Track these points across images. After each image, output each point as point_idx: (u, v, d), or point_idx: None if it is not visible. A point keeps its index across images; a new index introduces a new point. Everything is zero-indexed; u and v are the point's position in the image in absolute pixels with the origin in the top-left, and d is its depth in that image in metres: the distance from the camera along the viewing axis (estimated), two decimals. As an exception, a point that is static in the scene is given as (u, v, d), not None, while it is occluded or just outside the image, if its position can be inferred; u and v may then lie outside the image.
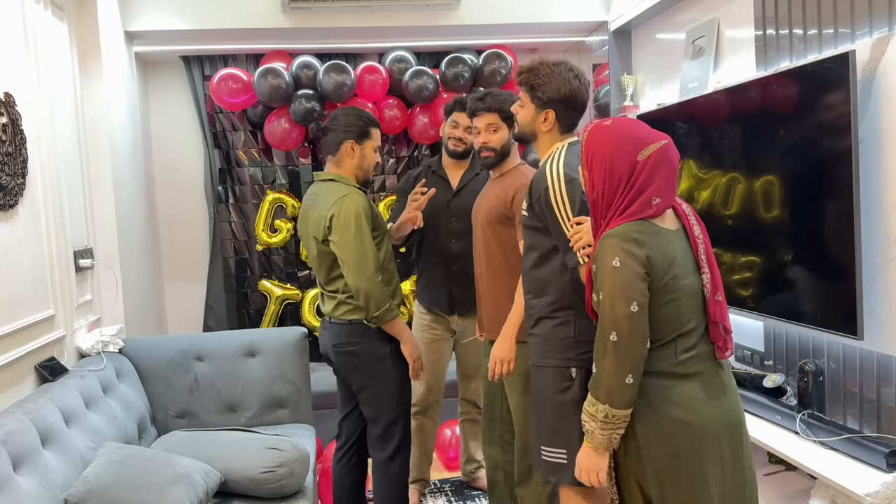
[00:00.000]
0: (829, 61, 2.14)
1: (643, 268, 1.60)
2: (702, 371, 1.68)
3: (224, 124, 4.21)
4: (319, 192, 2.52)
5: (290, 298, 4.24)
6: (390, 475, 2.60)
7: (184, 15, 3.64)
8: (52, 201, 2.61)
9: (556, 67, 2.04)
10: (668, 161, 1.68)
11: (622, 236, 1.63)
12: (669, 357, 1.66)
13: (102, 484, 2.02)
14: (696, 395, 1.66)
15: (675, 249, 1.67)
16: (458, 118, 2.91)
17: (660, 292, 1.63)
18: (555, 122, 2.04)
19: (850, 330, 2.12)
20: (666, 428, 1.65)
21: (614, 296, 1.61)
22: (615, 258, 1.61)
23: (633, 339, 1.60)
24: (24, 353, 2.32)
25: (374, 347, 2.50)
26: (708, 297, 1.69)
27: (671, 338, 1.66)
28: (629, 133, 1.70)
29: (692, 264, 1.69)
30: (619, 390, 1.61)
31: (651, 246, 1.62)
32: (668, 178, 1.68)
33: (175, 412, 2.95)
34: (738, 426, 1.73)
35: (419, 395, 3.10)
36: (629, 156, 1.66)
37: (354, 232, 2.38)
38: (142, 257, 3.75)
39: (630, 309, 1.59)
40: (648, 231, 1.64)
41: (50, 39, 2.74)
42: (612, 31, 3.84)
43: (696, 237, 1.72)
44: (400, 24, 3.81)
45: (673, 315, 1.65)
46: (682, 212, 1.74)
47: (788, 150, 2.35)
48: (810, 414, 2.26)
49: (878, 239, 2.09)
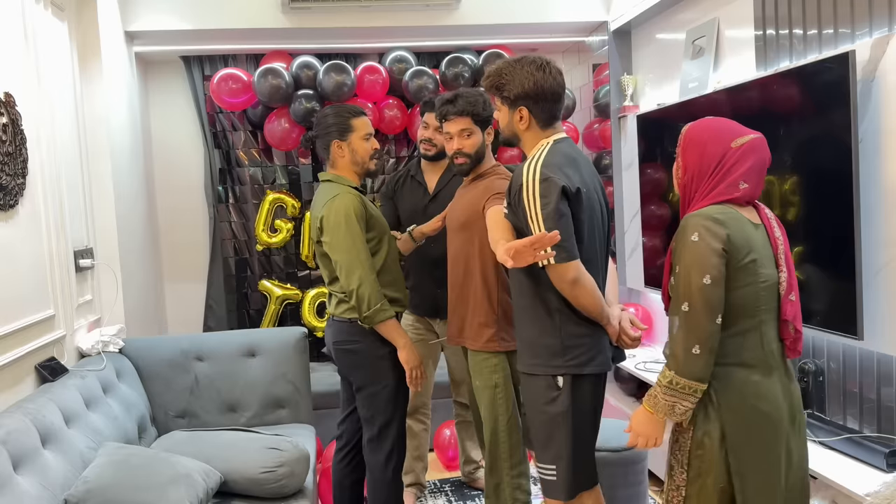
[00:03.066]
0: (829, 61, 2.14)
1: (721, 244, 1.65)
2: (778, 365, 1.73)
3: (224, 124, 4.21)
4: (318, 194, 2.52)
5: (290, 298, 4.24)
6: (384, 480, 2.54)
7: (184, 15, 3.64)
8: (52, 201, 2.61)
9: (518, 64, 1.98)
10: (759, 152, 1.74)
11: (704, 215, 1.69)
12: (757, 347, 1.70)
13: (102, 484, 2.02)
14: (776, 388, 1.71)
15: (756, 237, 1.72)
16: (428, 119, 2.88)
17: (739, 273, 1.67)
18: (530, 118, 1.98)
19: (850, 330, 2.12)
20: (753, 420, 1.69)
21: (690, 268, 1.66)
22: (695, 233, 1.67)
23: (704, 310, 1.64)
24: (24, 353, 2.32)
25: (373, 347, 2.47)
26: (783, 294, 1.73)
27: (754, 323, 1.70)
28: (727, 124, 1.78)
29: (772, 259, 1.74)
30: (686, 359, 1.65)
31: (732, 226, 1.67)
32: (756, 168, 1.73)
33: (175, 412, 2.95)
34: (801, 425, 1.78)
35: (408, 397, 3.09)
36: (724, 142, 1.73)
37: (344, 233, 2.35)
38: (142, 257, 3.75)
39: (703, 281, 1.64)
40: (731, 214, 1.69)
41: (50, 39, 2.74)
42: (612, 31, 3.84)
43: (777, 237, 1.77)
44: (400, 24, 3.81)
45: (752, 300, 1.69)
46: (763, 213, 1.80)
47: (788, 150, 2.35)
48: (810, 414, 2.26)
49: (878, 239, 2.09)
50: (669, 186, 3.08)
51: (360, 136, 2.50)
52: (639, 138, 3.38)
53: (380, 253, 2.48)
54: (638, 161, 3.40)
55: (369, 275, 2.36)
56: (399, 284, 2.56)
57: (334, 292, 2.52)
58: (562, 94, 2.01)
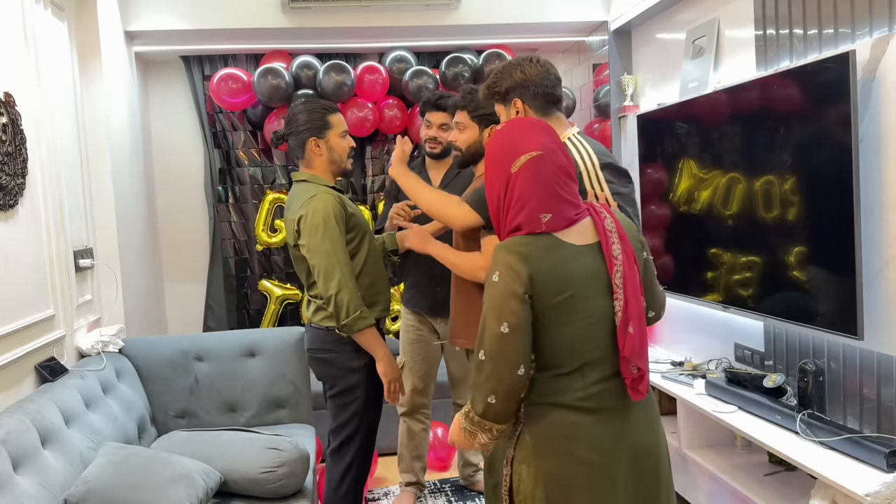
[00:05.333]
0: (829, 61, 2.14)
1: (522, 287, 1.45)
2: (612, 407, 1.53)
3: (224, 124, 4.21)
4: (293, 195, 2.39)
5: (290, 298, 4.24)
6: (337, 494, 2.43)
7: (183, 15, 3.64)
8: (52, 201, 2.61)
9: (507, 63, 2.01)
10: (542, 173, 1.51)
11: (509, 248, 1.50)
12: (576, 388, 1.51)
13: (102, 484, 2.02)
14: (603, 434, 1.51)
15: (576, 267, 1.50)
16: (431, 118, 2.88)
17: (551, 314, 1.48)
18: (525, 108, 1.97)
19: (850, 330, 2.12)
20: (569, 467, 1.51)
21: (487, 312, 1.49)
22: (496, 272, 1.49)
23: (500, 362, 1.46)
24: (24, 353, 2.32)
25: (347, 359, 2.36)
26: (619, 325, 1.50)
27: (576, 366, 1.51)
28: (506, 142, 1.57)
29: (605, 286, 1.52)
30: (483, 403, 1.49)
31: (539, 262, 1.47)
32: (547, 191, 1.51)
33: (175, 412, 2.95)
34: (647, 463, 1.57)
35: (405, 397, 3.07)
36: (504, 167, 1.54)
37: (322, 235, 2.24)
38: (142, 257, 3.75)
39: (500, 329, 1.45)
40: (542, 245, 1.50)
41: (50, 39, 2.74)
42: (612, 31, 3.84)
43: (614, 257, 1.53)
44: (400, 24, 3.81)
45: (573, 340, 1.50)
46: (600, 226, 1.55)
47: (788, 150, 2.35)
48: (810, 414, 2.26)
49: (878, 239, 2.09)
50: (670, 186, 3.08)
51: (337, 133, 2.40)
52: (639, 138, 3.37)
53: (360, 254, 2.38)
54: (638, 161, 3.39)
55: (349, 280, 2.26)
56: (381, 286, 2.46)
57: (312, 297, 2.44)
58: (554, 81, 2.00)
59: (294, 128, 2.39)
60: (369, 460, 2.53)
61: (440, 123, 2.87)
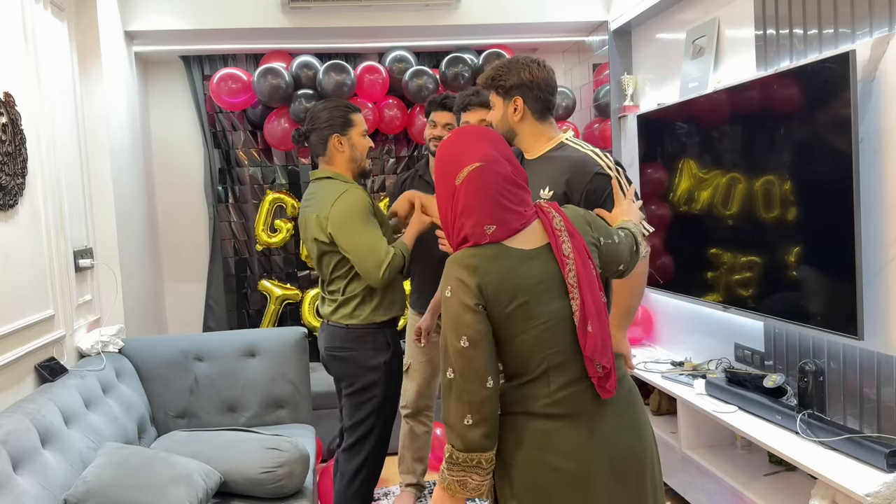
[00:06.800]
0: (829, 61, 2.14)
1: (474, 299, 1.45)
2: (584, 411, 1.50)
3: (224, 124, 4.21)
4: (317, 192, 2.41)
5: (290, 298, 4.24)
6: (350, 490, 2.45)
7: (183, 15, 3.64)
8: (51, 201, 2.61)
9: (513, 59, 2.03)
10: (484, 185, 1.50)
11: (458, 261, 1.50)
12: (542, 395, 1.49)
13: (102, 484, 2.02)
14: (576, 439, 1.49)
15: (527, 273, 1.49)
16: (437, 118, 2.89)
17: (508, 322, 1.48)
18: (525, 108, 1.99)
19: (850, 330, 2.12)
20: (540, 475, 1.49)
21: (446, 329, 1.48)
22: (448, 286, 1.49)
23: (468, 376, 1.45)
24: (24, 353, 2.32)
25: (366, 357, 2.41)
26: (578, 326, 1.48)
27: (540, 371, 1.49)
28: (451, 154, 1.56)
29: (560, 286, 1.50)
30: (459, 431, 1.46)
31: (487, 272, 1.47)
32: (491, 202, 1.49)
33: (175, 412, 2.94)
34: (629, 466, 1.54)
35: (409, 398, 3.07)
36: (449, 179, 1.53)
37: (360, 228, 2.28)
38: (142, 257, 3.75)
39: (460, 344, 1.45)
40: (489, 254, 1.49)
41: (50, 39, 2.74)
42: (612, 31, 3.84)
43: (565, 256, 1.51)
44: (400, 23, 3.81)
45: (533, 346, 1.48)
46: (549, 226, 1.54)
47: (788, 150, 2.35)
48: (810, 414, 2.26)
49: (878, 239, 2.09)
50: (670, 186, 3.08)
51: (359, 131, 2.45)
52: (639, 138, 3.38)
53: None
54: (638, 161, 3.40)
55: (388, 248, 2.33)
56: (398, 284, 2.49)
57: (332, 294, 2.46)
58: (554, 89, 2.04)
59: (317, 124, 2.43)
60: (383, 459, 2.54)
61: (445, 123, 2.88)
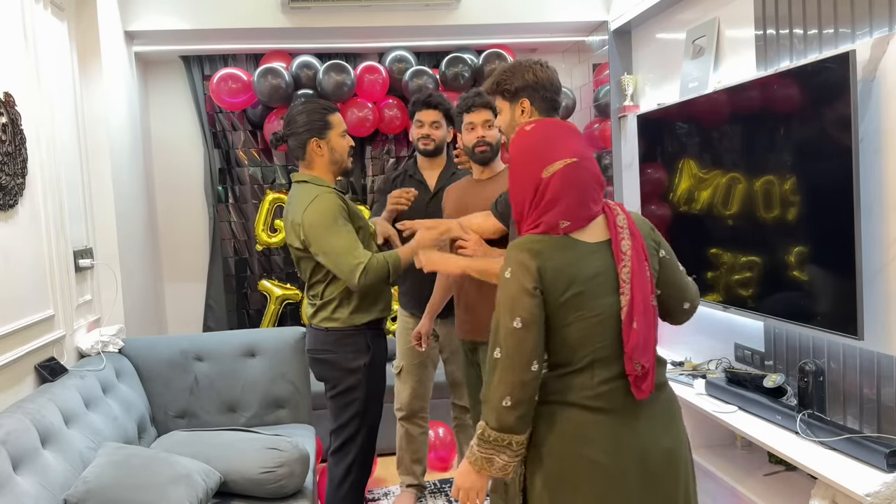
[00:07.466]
0: (829, 61, 2.14)
1: (532, 283, 1.48)
2: (620, 407, 1.52)
3: (224, 124, 4.20)
4: (293, 197, 2.38)
5: (290, 298, 4.24)
6: (339, 494, 2.44)
7: (183, 15, 3.64)
8: (51, 201, 2.61)
9: (516, 62, 2.05)
10: (576, 182, 1.54)
11: (521, 245, 1.53)
12: (585, 386, 1.52)
13: (102, 484, 2.02)
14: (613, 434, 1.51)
15: (586, 265, 1.52)
16: (422, 117, 2.90)
17: (561, 310, 1.51)
18: (532, 110, 1.99)
19: (850, 330, 2.12)
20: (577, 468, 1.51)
21: (501, 309, 1.51)
22: (508, 269, 1.52)
23: (515, 357, 1.47)
24: (24, 353, 2.32)
25: (347, 359, 2.38)
26: (624, 321, 1.52)
27: (585, 363, 1.52)
28: (539, 145, 1.59)
29: (614, 282, 1.53)
30: (497, 410, 1.48)
31: (549, 258, 1.50)
32: (577, 199, 1.54)
33: (175, 412, 2.94)
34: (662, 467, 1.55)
35: (403, 400, 3.07)
36: (535, 171, 1.55)
37: (331, 233, 2.25)
38: (142, 257, 3.75)
39: (513, 324, 1.47)
40: (553, 243, 1.53)
41: (50, 39, 2.74)
42: (612, 31, 3.84)
43: (623, 252, 1.55)
44: (400, 24, 3.81)
45: (582, 337, 1.51)
46: (612, 222, 1.58)
47: (788, 150, 2.35)
48: (810, 414, 2.26)
49: (878, 239, 2.09)
50: (670, 186, 3.08)
51: (338, 133, 2.41)
52: (639, 138, 3.37)
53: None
54: (638, 161, 3.39)
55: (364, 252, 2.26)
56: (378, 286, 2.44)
57: (312, 298, 2.45)
58: (559, 88, 2.05)
59: (294, 129, 2.38)
60: (371, 461, 2.53)
61: (432, 121, 2.90)
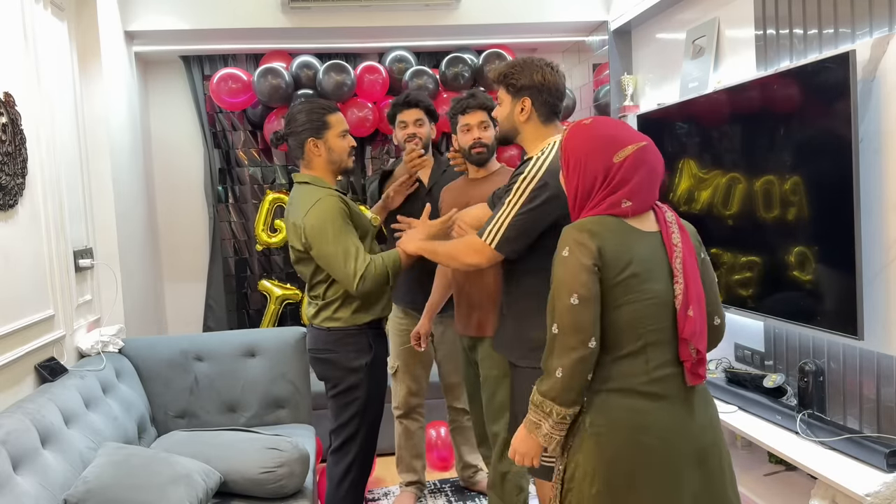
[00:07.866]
0: (829, 61, 2.14)
1: (591, 259, 1.51)
2: (676, 394, 1.55)
3: (224, 124, 4.21)
4: (295, 198, 2.38)
5: (290, 298, 4.24)
6: (339, 494, 2.44)
7: (183, 15, 3.64)
8: (51, 201, 2.61)
9: (528, 59, 2.05)
10: (647, 163, 1.59)
11: (577, 227, 1.57)
12: (640, 372, 1.54)
13: (102, 484, 2.02)
14: (668, 420, 1.54)
15: (640, 249, 1.56)
16: (405, 117, 2.91)
17: (617, 290, 1.53)
18: (532, 110, 2.01)
19: (850, 330, 2.12)
20: (634, 455, 1.53)
21: (559, 286, 1.53)
22: (566, 248, 1.54)
23: (572, 333, 1.50)
24: (24, 353, 2.32)
25: (348, 359, 2.38)
26: (679, 309, 1.55)
27: (638, 347, 1.55)
28: (606, 133, 1.62)
29: (666, 272, 1.57)
30: (549, 377, 1.53)
31: (607, 238, 1.53)
32: (646, 180, 1.59)
33: (175, 412, 2.94)
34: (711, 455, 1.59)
35: (400, 398, 3.07)
36: (605, 157, 1.59)
37: (334, 238, 2.23)
38: (142, 257, 3.75)
39: (571, 301, 1.50)
40: (610, 225, 1.56)
41: (50, 39, 2.74)
42: (612, 31, 3.84)
43: (674, 244, 1.59)
44: (400, 23, 3.81)
45: (636, 320, 1.54)
46: (662, 216, 1.64)
47: (788, 150, 2.35)
48: (810, 414, 2.26)
49: (878, 239, 2.09)
50: (670, 186, 3.08)
51: (336, 133, 2.38)
52: (639, 138, 3.37)
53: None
54: (638, 161, 3.39)
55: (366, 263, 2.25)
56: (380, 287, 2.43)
57: (314, 298, 2.45)
58: (563, 94, 2.07)
59: (293, 128, 2.38)
60: (371, 460, 2.53)
61: (415, 119, 2.91)
